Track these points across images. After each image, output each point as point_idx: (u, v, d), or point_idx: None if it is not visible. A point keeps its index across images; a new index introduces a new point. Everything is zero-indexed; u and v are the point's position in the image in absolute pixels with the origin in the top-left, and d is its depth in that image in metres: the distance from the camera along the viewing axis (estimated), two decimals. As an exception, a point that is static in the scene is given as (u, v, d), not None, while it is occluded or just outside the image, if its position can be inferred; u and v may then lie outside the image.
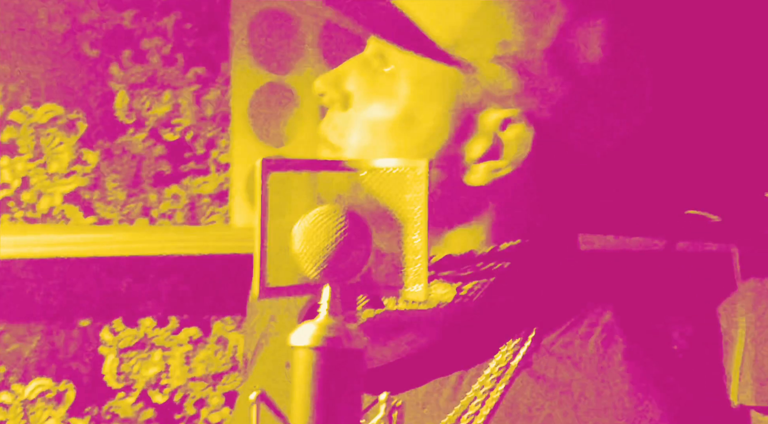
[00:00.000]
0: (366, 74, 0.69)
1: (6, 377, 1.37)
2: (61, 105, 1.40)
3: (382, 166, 0.58)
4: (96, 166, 1.41)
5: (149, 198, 1.42)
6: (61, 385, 1.38)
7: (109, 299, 1.41)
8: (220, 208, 1.44)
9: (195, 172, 1.44)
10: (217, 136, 1.44)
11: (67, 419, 1.38)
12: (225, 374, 1.45)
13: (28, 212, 1.39)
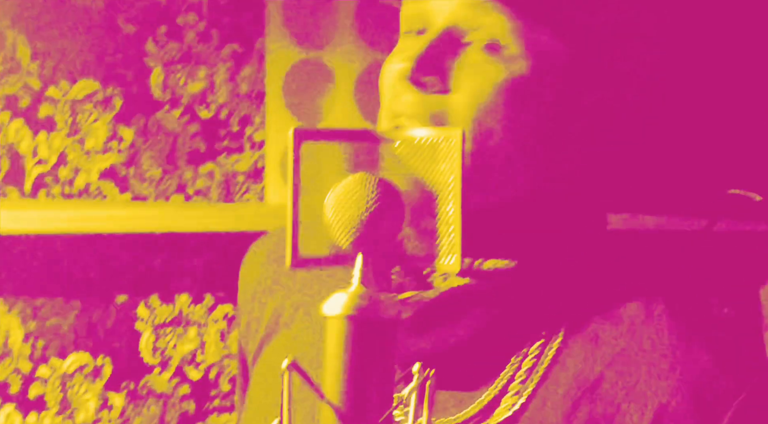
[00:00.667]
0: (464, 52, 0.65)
1: (44, 351, 1.39)
2: (98, 81, 1.41)
3: (416, 136, 0.57)
4: (131, 142, 1.42)
5: (184, 175, 1.43)
6: (98, 360, 1.40)
7: (145, 275, 1.42)
8: (255, 186, 1.44)
9: (230, 149, 1.44)
10: (251, 114, 1.44)
11: (105, 393, 1.40)
12: (259, 351, 1.45)
13: (65, 188, 1.40)
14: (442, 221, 0.56)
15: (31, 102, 1.40)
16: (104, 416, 1.40)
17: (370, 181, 0.54)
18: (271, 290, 0.76)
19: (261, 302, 0.76)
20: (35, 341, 1.39)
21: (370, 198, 0.54)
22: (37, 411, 1.38)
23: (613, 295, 0.68)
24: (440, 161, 0.56)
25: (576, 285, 0.68)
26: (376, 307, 0.53)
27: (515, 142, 0.65)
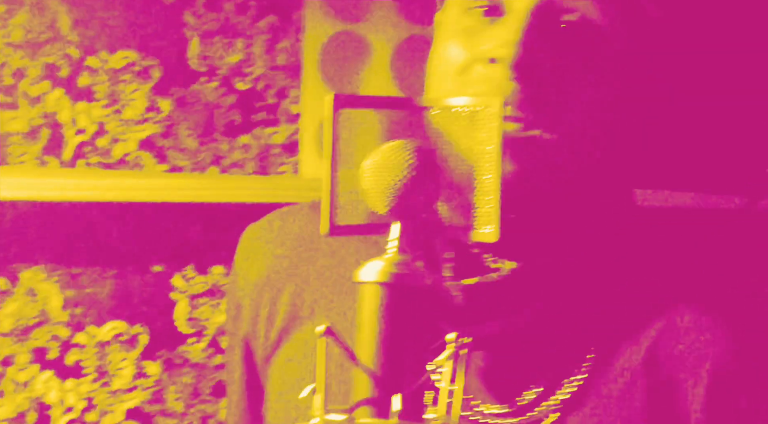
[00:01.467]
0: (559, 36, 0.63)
1: (82, 318, 1.41)
2: (136, 52, 1.41)
3: (454, 104, 0.56)
4: (169, 113, 1.42)
5: (220, 147, 1.43)
6: (134, 328, 1.42)
7: (181, 246, 1.43)
8: (290, 159, 1.44)
9: (266, 122, 1.44)
10: (288, 86, 1.44)
11: (140, 361, 1.42)
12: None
13: (104, 157, 1.42)
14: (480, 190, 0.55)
15: (70, 72, 1.41)
16: (140, 384, 1.41)
17: (407, 148, 0.54)
18: (283, 281, 0.73)
19: (271, 294, 0.73)
20: (73, 308, 1.41)
21: (408, 165, 0.53)
22: (75, 378, 1.40)
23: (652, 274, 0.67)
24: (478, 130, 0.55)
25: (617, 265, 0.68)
26: (412, 275, 0.52)
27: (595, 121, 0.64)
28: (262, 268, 0.74)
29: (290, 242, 0.74)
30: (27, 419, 1.39)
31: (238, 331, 0.76)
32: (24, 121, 1.40)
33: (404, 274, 0.52)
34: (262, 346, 0.74)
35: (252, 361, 0.75)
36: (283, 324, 0.73)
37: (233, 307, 0.76)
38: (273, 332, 0.73)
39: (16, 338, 1.39)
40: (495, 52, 0.63)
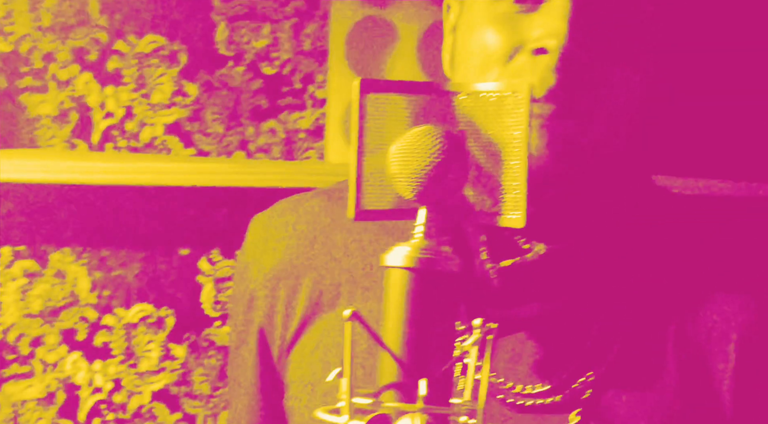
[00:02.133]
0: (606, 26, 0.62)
1: (110, 300, 1.42)
2: (164, 36, 1.42)
3: (482, 89, 0.56)
4: (196, 98, 1.43)
5: (246, 131, 1.44)
6: (161, 311, 1.43)
7: (207, 229, 1.44)
8: (316, 144, 1.45)
9: (291, 107, 1.44)
10: (314, 71, 1.44)
11: (167, 344, 1.43)
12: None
13: (132, 141, 1.43)
14: (507, 175, 0.55)
15: (99, 55, 1.42)
16: (167, 366, 1.43)
17: (435, 133, 0.54)
18: (301, 271, 0.72)
19: (289, 285, 0.73)
20: (101, 290, 1.42)
21: (435, 150, 0.53)
22: (102, 359, 1.41)
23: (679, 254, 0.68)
24: (506, 115, 0.55)
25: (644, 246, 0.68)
26: (439, 260, 0.52)
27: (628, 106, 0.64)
28: (276, 258, 0.74)
29: (304, 232, 0.73)
30: (56, 399, 1.41)
31: (252, 322, 0.75)
32: (53, 105, 1.41)
33: (430, 259, 0.52)
34: (280, 337, 0.73)
35: (267, 350, 0.74)
36: (303, 315, 0.72)
37: (244, 298, 0.75)
38: (293, 323, 0.72)
39: (45, 320, 1.41)
40: (543, 42, 0.62)
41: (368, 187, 0.56)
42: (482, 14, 0.65)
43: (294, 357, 0.72)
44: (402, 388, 0.51)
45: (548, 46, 0.62)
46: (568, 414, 0.65)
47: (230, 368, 0.79)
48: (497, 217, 0.55)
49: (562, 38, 0.61)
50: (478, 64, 0.65)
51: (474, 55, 0.65)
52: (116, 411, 1.41)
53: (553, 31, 0.62)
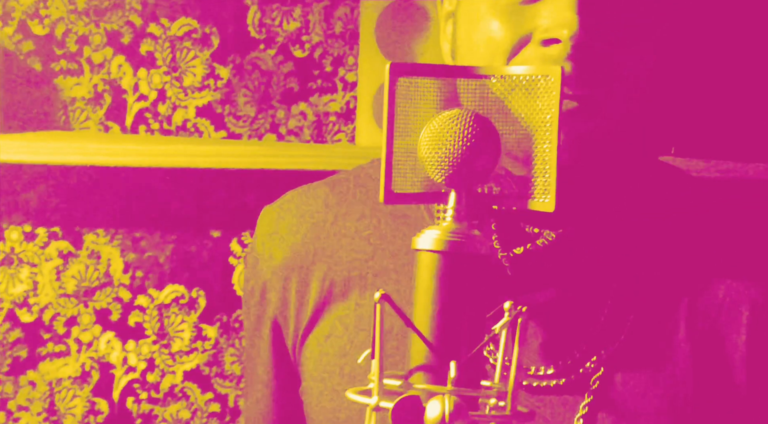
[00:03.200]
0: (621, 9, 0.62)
1: (143, 281, 1.44)
2: (196, 19, 1.42)
3: (513, 73, 0.56)
4: (227, 81, 1.43)
5: (277, 114, 1.44)
6: (193, 292, 1.44)
7: (239, 211, 1.45)
8: (346, 127, 1.45)
9: (322, 90, 1.45)
10: (345, 54, 1.44)
11: (199, 324, 1.44)
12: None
13: (164, 124, 1.44)
14: (538, 159, 0.55)
15: (132, 38, 1.43)
16: (198, 347, 1.44)
17: (466, 117, 0.54)
18: (311, 261, 0.72)
19: (300, 275, 0.73)
20: (134, 271, 1.44)
21: (466, 134, 0.53)
22: (135, 339, 1.43)
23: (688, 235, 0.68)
24: (538, 98, 0.55)
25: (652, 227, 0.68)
26: (468, 243, 0.53)
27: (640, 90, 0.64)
28: (286, 249, 0.74)
29: (312, 222, 0.73)
30: (91, 378, 1.43)
31: (265, 313, 0.75)
32: (87, 88, 1.42)
33: (460, 242, 0.52)
34: (294, 327, 0.73)
35: (281, 341, 0.75)
36: (316, 305, 0.72)
37: (256, 290, 0.75)
38: (306, 313, 0.72)
39: (80, 300, 1.43)
40: (553, 32, 0.62)
41: (399, 171, 0.56)
42: (484, 5, 0.64)
43: (308, 347, 0.72)
44: (432, 370, 0.51)
45: (560, 36, 0.61)
46: (577, 397, 0.65)
47: (246, 360, 0.80)
48: (527, 200, 0.55)
49: (573, 27, 0.61)
50: (484, 56, 0.64)
51: (479, 48, 0.65)
52: (149, 390, 1.43)
53: (562, 21, 0.61)
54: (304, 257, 0.73)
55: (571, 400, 0.65)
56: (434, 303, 0.52)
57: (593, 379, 0.65)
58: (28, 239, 1.42)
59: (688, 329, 0.66)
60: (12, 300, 1.41)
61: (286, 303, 0.73)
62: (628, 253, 0.67)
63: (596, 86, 0.62)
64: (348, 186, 0.75)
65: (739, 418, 0.65)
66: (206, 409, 1.44)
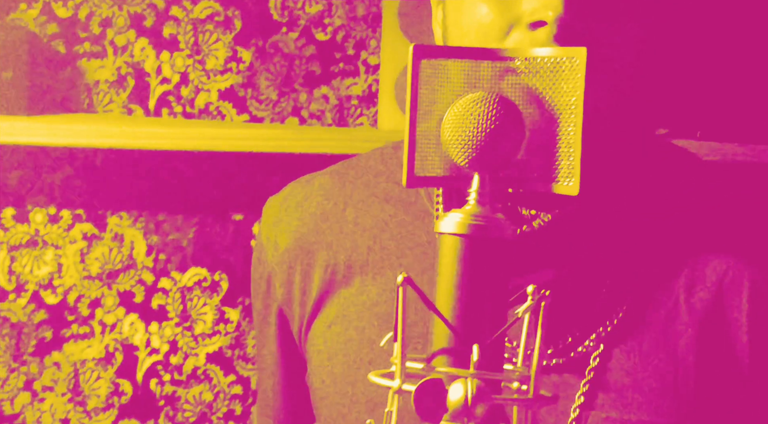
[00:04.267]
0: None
1: (166, 264, 1.45)
2: (219, 2, 1.42)
3: (538, 55, 0.56)
4: (250, 64, 1.43)
5: (300, 98, 1.44)
6: (215, 275, 1.45)
7: (261, 194, 1.45)
8: (368, 111, 1.44)
9: (344, 73, 1.44)
10: (367, 37, 1.44)
11: (221, 307, 1.45)
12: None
13: (186, 107, 1.44)
14: (562, 142, 0.55)
15: (155, 21, 1.43)
16: (221, 329, 1.45)
17: (490, 100, 0.53)
18: (314, 249, 0.73)
19: (303, 262, 0.73)
20: (157, 254, 1.45)
21: (490, 117, 0.53)
22: (159, 321, 1.44)
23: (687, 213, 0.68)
24: (562, 81, 0.55)
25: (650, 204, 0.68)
26: (492, 227, 0.52)
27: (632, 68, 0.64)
28: (290, 237, 0.74)
29: (315, 210, 0.74)
30: (115, 360, 1.44)
31: (272, 301, 0.75)
32: (111, 70, 1.43)
33: (483, 225, 0.52)
34: (298, 315, 0.74)
35: (287, 329, 0.75)
36: (319, 292, 0.73)
37: (262, 280, 0.76)
38: (310, 300, 0.73)
39: (103, 282, 1.44)
40: (539, 14, 0.61)
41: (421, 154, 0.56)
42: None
43: (313, 334, 0.73)
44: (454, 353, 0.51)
45: (546, 18, 0.61)
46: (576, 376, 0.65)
47: (256, 349, 0.81)
48: (551, 184, 0.55)
49: (558, 9, 0.61)
50: (474, 41, 0.64)
51: (469, 33, 0.64)
52: (172, 372, 1.44)
53: (548, 3, 0.61)
54: (306, 246, 0.73)
55: (571, 379, 0.65)
56: (457, 287, 0.52)
57: (592, 357, 0.65)
58: (52, 222, 1.43)
59: (688, 306, 0.66)
60: (37, 282, 1.43)
61: (290, 291, 0.74)
62: (625, 232, 0.67)
63: None
64: (348, 175, 0.75)
65: (741, 394, 0.65)
66: (229, 391, 1.45)
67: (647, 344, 0.65)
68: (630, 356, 0.65)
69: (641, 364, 0.65)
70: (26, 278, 1.42)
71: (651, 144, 0.71)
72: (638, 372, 0.65)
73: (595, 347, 0.65)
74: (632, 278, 0.66)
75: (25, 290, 1.42)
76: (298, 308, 0.74)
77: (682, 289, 0.66)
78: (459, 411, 0.47)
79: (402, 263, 0.70)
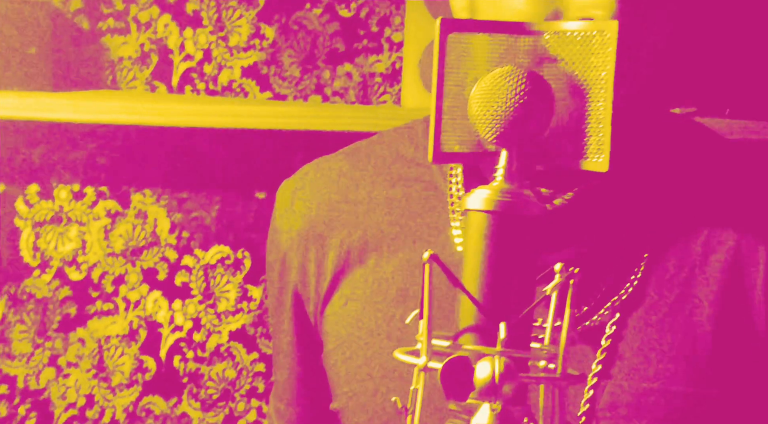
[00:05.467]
0: None
1: (189, 242, 1.45)
2: (241, -22, 1.42)
3: (567, 28, 0.55)
4: (273, 41, 1.43)
5: (323, 75, 1.43)
6: (238, 253, 1.45)
7: (284, 172, 1.45)
8: (391, 89, 1.43)
9: (368, 50, 1.43)
10: (391, 14, 1.42)
11: (244, 285, 1.45)
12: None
13: (210, 84, 1.44)
14: (592, 118, 0.54)
15: (178, -2, 1.42)
16: (244, 307, 1.46)
17: (518, 74, 0.53)
18: (328, 230, 0.73)
19: (318, 243, 0.73)
20: (180, 231, 1.45)
21: (519, 91, 0.52)
22: (182, 299, 1.45)
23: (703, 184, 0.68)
24: (592, 55, 0.54)
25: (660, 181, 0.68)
26: (519, 203, 0.52)
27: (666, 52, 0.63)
28: (304, 220, 0.74)
29: (328, 191, 0.74)
30: (138, 336, 1.45)
31: (287, 285, 0.76)
32: (134, 47, 1.42)
33: (510, 202, 0.51)
34: (314, 296, 0.74)
35: (303, 311, 0.75)
36: (334, 272, 0.73)
37: (277, 262, 0.76)
38: (325, 281, 0.73)
39: (127, 259, 1.44)
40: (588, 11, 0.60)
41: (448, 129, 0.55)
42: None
43: (328, 313, 0.73)
44: (481, 331, 0.50)
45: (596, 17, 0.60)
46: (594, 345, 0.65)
47: (272, 332, 0.81)
48: (580, 160, 0.54)
49: (610, 9, 0.60)
50: None
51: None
52: (195, 349, 1.45)
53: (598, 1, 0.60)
54: (321, 227, 0.74)
55: (587, 349, 0.65)
56: (484, 264, 0.51)
57: (608, 325, 0.64)
58: (76, 198, 1.43)
59: (704, 276, 0.65)
60: (61, 258, 1.43)
61: (305, 273, 0.74)
62: (643, 205, 0.67)
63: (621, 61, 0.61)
64: (361, 155, 0.75)
65: (759, 361, 0.64)
66: (251, 369, 1.45)
67: (663, 313, 0.65)
68: (646, 325, 0.65)
69: (658, 332, 0.64)
70: (50, 255, 1.43)
71: (671, 121, 0.70)
72: (655, 340, 0.64)
73: (611, 315, 0.65)
74: (648, 247, 0.66)
75: (50, 266, 1.43)
76: (314, 289, 0.74)
77: (698, 258, 0.66)
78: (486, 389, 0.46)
79: (416, 241, 0.70)
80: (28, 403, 1.43)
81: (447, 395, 0.47)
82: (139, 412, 1.44)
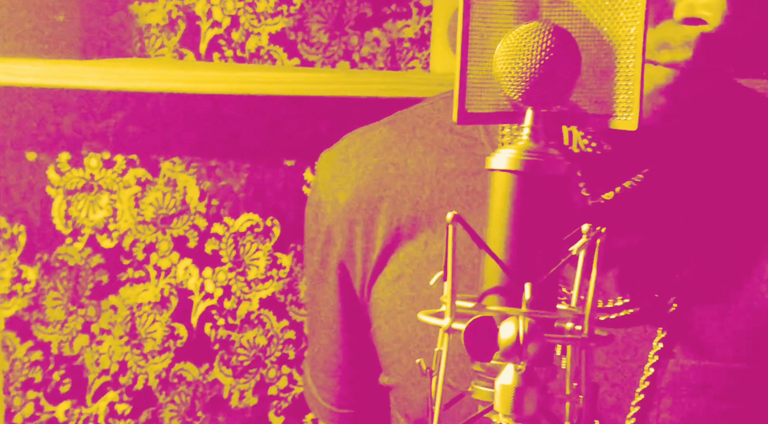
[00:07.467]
0: None
1: (218, 209, 1.46)
2: (268, -57, 1.41)
3: (595, -17, 0.53)
4: (300, 6, 1.42)
5: (351, 41, 1.42)
6: (267, 221, 1.45)
7: (312, 140, 1.45)
8: (420, 54, 1.42)
9: (396, 15, 1.42)
10: (419, -22, 1.41)
11: (273, 253, 1.46)
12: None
13: (237, 51, 1.43)
14: (621, 75, 0.52)
15: (204, -37, 1.42)
16: (273, 275, 1.46)
17: (544, 30, 0.51)
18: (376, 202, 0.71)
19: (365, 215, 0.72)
20: (210, 199, 1.46)
21: (545, 47, 0.51)
22: (212, 266, 1.46)
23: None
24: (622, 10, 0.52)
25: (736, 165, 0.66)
26: (545, 163, 0.51)
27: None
28: (349, 192, 0.73)
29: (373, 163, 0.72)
30: (170, 304, 1.46)
31: (331, 256, 0.74)
32: (162, 14, 1.42)
33: (537, 161, 0.50)
34: (361, 269, 0.73)
35: (349, 284, 0.74)
36: (384, 245, 0.72)
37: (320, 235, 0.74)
38: (373, 255, 0.72)
39: (158, 227, 1.45)
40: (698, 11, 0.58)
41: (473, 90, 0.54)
42: None
43: (378, 288, 0.72)
44: (506, 292, 0.50)
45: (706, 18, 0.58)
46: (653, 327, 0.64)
47: (309, 305, 0.79)
48: (609, 119, 0.53)
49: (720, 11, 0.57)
50: None
51: None
52: (226, 317, 1.46)
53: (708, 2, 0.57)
54: (368, 199, 0.72)
55: (649, 327, 0.64)
56: (509, 224, 0.51)
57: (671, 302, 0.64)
58: (107, 166, 1.44)
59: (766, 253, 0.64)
60: (93, 226, 1.45)
61: (352, 245, 0.73)
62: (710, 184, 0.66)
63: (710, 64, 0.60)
64: (407, 125, 0.74)
65: None
66: (282, 336, 1.46)
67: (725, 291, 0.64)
68: (709, 303, 0.64)
69: (720, 310, 0.63)
70: (82, 223, 1.44)
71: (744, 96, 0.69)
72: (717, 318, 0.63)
73: (673, 294, 0.64)
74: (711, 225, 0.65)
75: (82, 234, 1.45)
76: (361, 263, 0.73)
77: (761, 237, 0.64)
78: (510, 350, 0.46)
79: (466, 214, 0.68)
80: (63, 369, 1.45)
81: (471, 355, 0.46)
82: (171, 378, 1.46)
